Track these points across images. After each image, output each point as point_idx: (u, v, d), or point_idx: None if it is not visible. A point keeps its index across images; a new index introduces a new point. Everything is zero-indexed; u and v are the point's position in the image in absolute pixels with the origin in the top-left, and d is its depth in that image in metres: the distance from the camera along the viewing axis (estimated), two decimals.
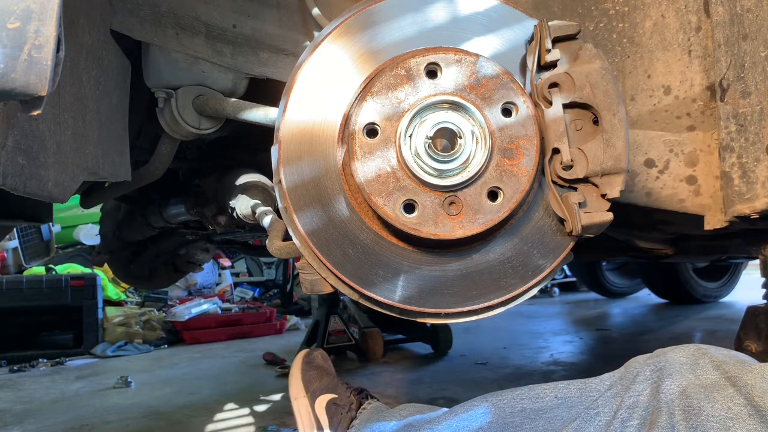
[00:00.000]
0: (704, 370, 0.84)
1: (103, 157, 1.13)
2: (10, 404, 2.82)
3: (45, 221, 1.89)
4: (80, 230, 5.58)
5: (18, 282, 4.15)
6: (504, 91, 0.88)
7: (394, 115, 0.87)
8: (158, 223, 2.23)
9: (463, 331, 4.16)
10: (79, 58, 1.01)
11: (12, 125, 0.76)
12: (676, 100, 1.18)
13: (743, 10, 1.06)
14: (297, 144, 0.91)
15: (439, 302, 0.91)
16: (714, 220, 1.15)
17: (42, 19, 0.56)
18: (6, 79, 0.55)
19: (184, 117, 1.35)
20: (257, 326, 4.90)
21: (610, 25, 1.22)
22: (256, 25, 1.35)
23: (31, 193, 0.82)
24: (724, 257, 3.31)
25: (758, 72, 1.04)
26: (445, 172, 0.86)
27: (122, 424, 2.37)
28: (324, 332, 3.47)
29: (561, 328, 4.56)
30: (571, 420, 0.93)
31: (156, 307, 5.07)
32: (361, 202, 0.89)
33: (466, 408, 1.06)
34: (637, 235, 1.89)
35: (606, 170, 0.89)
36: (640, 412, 0.86)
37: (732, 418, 0.76)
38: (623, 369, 0.95)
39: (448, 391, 2.64)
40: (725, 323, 4.26)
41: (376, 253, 0.91)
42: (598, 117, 0.90)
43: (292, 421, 1.33)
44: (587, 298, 6.59)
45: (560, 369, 3.03)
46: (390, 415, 1.21)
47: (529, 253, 0.92)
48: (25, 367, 3.74)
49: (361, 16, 0.92)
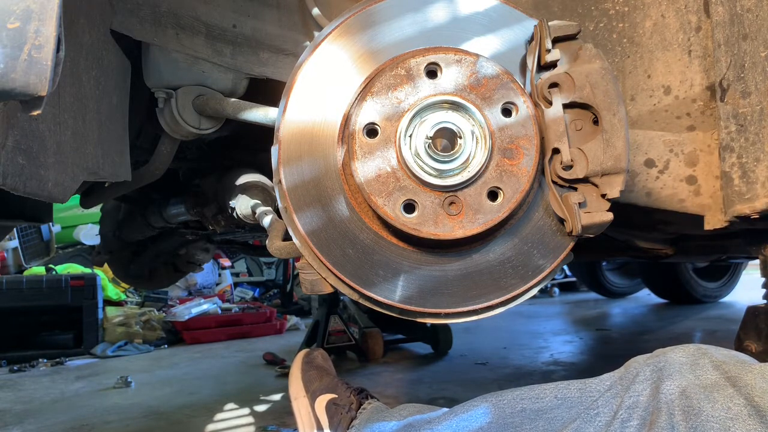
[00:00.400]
0: (704, 370, 0.84)
1: (103, 157, 1.13)
2: (10, 404, 2.82)
3: (45, 221, 1.89)
4: (80, 230, 5.58)
5: (18, 282, 4.15)
6: (504, 91, 0.88)
7: (394, 115, 0.87)
8: (158, 223, 2.23)
9: (463, 331, 4.16)
10: (79, 58, 1.00)
11: (12, 125, 0.76)
12: (676, 100, 1.18)
13: (743, 10, 1.06)
14: (297, 144, 0.91)
15: (439, 302, 0.91)
16: (714, 220, 1.15)
17: (42, 19, 0.56)
18: (6, 79, 0.55)
19: (184, 117, 1.35)
20: (257, 326, 4.90)
21: (610, 25, 1.22)
22: (256, 25, 1.35)
23: (31, 193, 0.82)
24: (724, 257, 3.32)
25: (758, 72, 1.04)
26: (445, 172, 0.86)
27: (122, 424, 2.37)
28: (324, 332, 3.47)
29: (561, 328, 4.56)
30: (571, 420, 0.93)
31: (156, 307, 5.07)
32: (361, 202, 0.89)
33: (466, 408, 1.06)
34: (637, 235, 1.89)
35: (606, 170, 0.89)
36: (640, 412, 0.86)
37: (732, 419, 0.76)
38: (623, 369, 0.95)
39: (448, 391, 2.64)
40: (725, 323, 4.25)
41: (376, 253, 0.91)
42: (598, 117, 0.90)
43: (292, 421, 1.33)
44: (587, 298, 6.59)
45: (560, 369, 3.03)
46: (390, 415, 1.21)
47: (529, 253, 0.92)
48: (25, 367, 3.74)
49: (361, 16, 0.92)
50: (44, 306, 4.13)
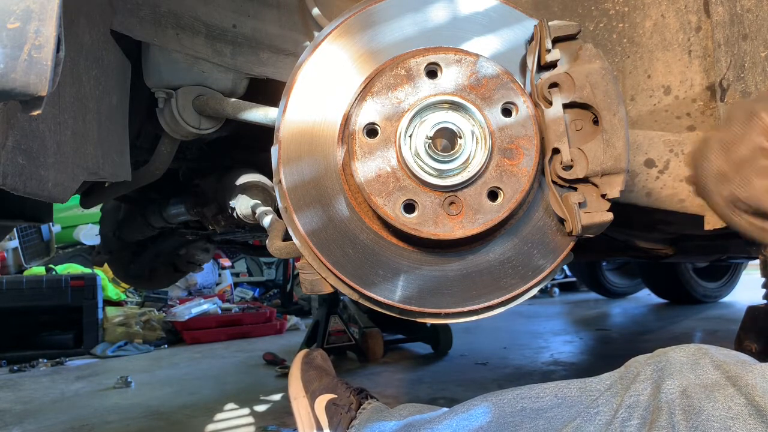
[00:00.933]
0: (705, 369, 0.84)
1: (103, 157, 1.13)
2: (10, 404, 2.82)
3: (45, 221, 1.89)
4: (80, 230, 5.58)
5: (18, 282, 4.15)
6: (504, 91, 0.88)
7: (394, 115, 0.87)
8: (158, 223, 2.23)
9: (463, 331, 4.16)
10: (79, 58, 1.00)
11: (12, 125, 0.76)
12: (676, 100, 1.18)
13: (743, 10, 1.06)
14: (297, 144, 0.91)
15: (439, 302, 0.91)
16: (714, 220, 1.15)
17: (42, 19, 0.56)
18: (6, 79, 0.55)
19: (184, 117, 1.35)
20: (257, 326, 4.90)
21: (610, 25, 1.22)
22: (256, 25, 1.35)
23: (31, 193, 0.82)
24: (724, 257, 3.32)
25: (758, 72, 1.04)
26: (445, 172, 0.86)
27: (122, 424, 2.37)
28: (324, 332, 3.47)
29: (561, 328, 4.56)
30: (571, 419, 0.93)
31: (156, 307, 5.07)
32: (361, 202, 0.89)
33: (466, 408, 1.06)
34: (637, 235, 1.89)
35: (606, 170, 0.89)
36: (640, 411, 0.86)
37: (733, 418, 0.76)
38: (623, 369, 0.95)
39: (448, 391, 2.64)
40: (725, 323, 4.26)
41: (376, 253, 0.91)
42: (598, 117, 0.90)
43: (292, 421, 1.33)
44: (587, 298, 6.58)
45: (560, 369, 3.04)
46: (390, 415, 1.21)
47: (529, 253, 0.92)
48: (25, 367, 3.74)
49: (361, 16, 0.92)
50: (44, 306, 4.13)
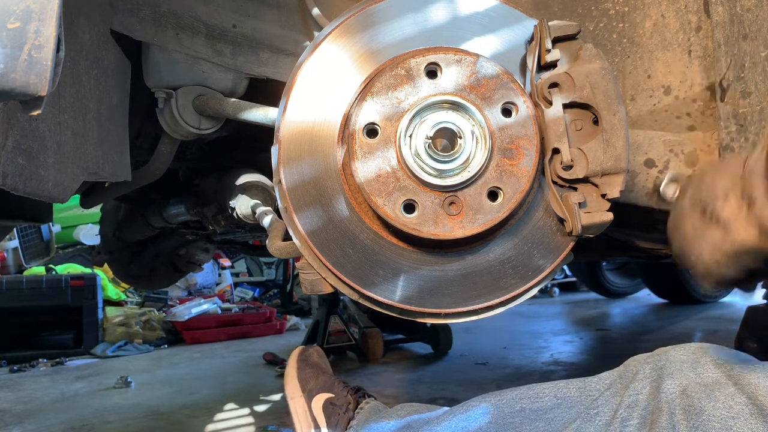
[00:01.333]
0: (705, 368, 0.84)
1: (103, 157, 1.13)
2: (10, 404, 2.82)
3: (45, 221, 1.89)
4: (80, 230, 5.58)
5: (18, 282, 4.15)
6: (504, 91, 0.88)
7: (394, 115, 0.87)
8: (158, 223, 2.23)
9: (463, 331, 4.16)
10: (79, 58, 1.00)
11: (12, 125, 0.76)
12: (676, 100, 1.18)
13: (743, 10, 1.06)
14: (297, 144, 0.91)
15: (439, 302, 0.91)
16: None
17: (42, 19, 0.56)
18: (6, 79, 0.55)
19: (184, 117, 1.35)
20: (257, 326, 4.89)
21: (610, 25, 1.22)
22: (256, 25, 1.35)
23: (31, 193, 0.82)
24: None
25: (758, 72, 1.04)
26: (445, 172, 0.86)
27: (122, 424, 2.37)
28: (324, 332, 3.47)
29: (561, 328, 4.56)
30: (571, 420, 0.93)
31: (156, 307, 5.07)
32: (361, 202, 0.89)
33: (466, 408, 1.06)
34: (637, 235, 1.89)
35: (606, 170, 0.89)
36: (639, 411, 0.86)
37: (733, 417, 0.76)
38: (622, 368, 0.95)
39: (448, 391, 2.64)
40: (725, 323, 4.25)
41: (376, 253, 0.91)
42: (598, 117, 0.90)
43: (291, 421, 1.33)
44: (587, 298, 6.58)
45: (560, 369, 3.03)
46: (388, 415, 1.21)
47: (529, 253, 0.92)
48: (25, 367, 3.74)
49: (361, 16, 0.92)
50: (44, 306, 4.13)
